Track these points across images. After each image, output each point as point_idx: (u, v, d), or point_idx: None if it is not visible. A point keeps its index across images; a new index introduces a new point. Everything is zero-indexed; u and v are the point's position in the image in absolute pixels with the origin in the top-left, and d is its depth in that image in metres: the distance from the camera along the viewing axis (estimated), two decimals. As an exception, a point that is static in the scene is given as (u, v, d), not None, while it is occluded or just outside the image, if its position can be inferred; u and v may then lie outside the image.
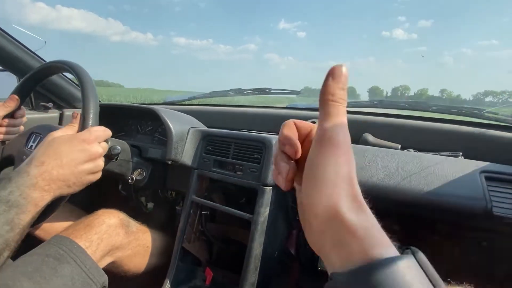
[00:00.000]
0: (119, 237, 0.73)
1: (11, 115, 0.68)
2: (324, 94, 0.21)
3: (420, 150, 0.73)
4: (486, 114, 0.75)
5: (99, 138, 0.57)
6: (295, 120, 0.26)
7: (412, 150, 0.73)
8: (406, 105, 0.86)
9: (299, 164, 0.24)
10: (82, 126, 0.56)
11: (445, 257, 0.84)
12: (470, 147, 0.71)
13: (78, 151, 0.50)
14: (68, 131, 0.56)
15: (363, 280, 0.16)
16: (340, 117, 0.21)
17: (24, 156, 0.65)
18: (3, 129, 0.66)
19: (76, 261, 0.61)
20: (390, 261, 0.16)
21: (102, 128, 0.59)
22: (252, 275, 0.68)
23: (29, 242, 0.76)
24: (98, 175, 0.55)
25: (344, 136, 0.21)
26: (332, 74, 0.21)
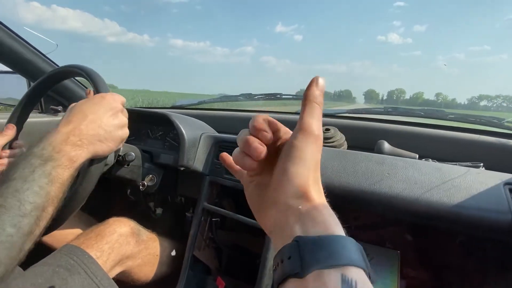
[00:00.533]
0: (129, 246, 0.72)
1: (9, 145, 0.65)
2: (309, 96, 0.26)
3: (438, 160, 0.71)
4: (506, 123, 0.73)
5: (115, 95, 0.55)
6: (267, 116, 0.29)
7: (430, 159, 0.71)
8: (422, 113, 0.85)
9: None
10: None
11: (460, 269, 0.82)
12: (491, 157, 0.70)
13: (100, 106, 0.50)
14: None
15: (327, 245, 0.20)
16: (319, 115, 0.26)
17: None
18: (4, 160, 0.62)
19: (87, 272, 0.60)
20: (345, 237, 0.21)
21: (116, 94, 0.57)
22: (267, 285, 0.66)
23: (38, 249, 0.76)
24: (126, 131, 0.54)
25: (321, 130, 0.26)
26: (315, 82, 0.26)
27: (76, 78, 1.01)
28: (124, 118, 0.54)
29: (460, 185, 0.58)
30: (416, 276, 0.90)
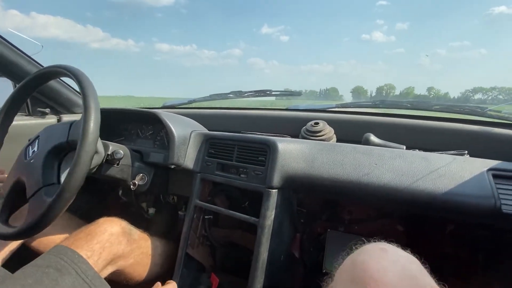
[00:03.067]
0: (121, 246, 0.71)
1: None
2: None
3: (425, 150, 0.72)
4: (489, 112, 0.75)
5: None
6: None
7: (417, 150, 0.72)
8: (408, 105, 0.86)
9: None
10: (83, 135, 0.54)
11: (453, 257, 0.84)
12: (475, 145, 0.71)
13: None
14: None
15: None
16: None
17: (32, 160, 0.63)
18: None
19: (78, 271, 0.59)
20: None
21: None
22: (260, 281, 0.67)
23: (26, 254, 0.74)
24: None
25: None
26: None
27: (62, 79, 1.00)
28: None
29: (446, 173, 0.59)
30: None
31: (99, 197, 1.12)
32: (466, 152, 0.68)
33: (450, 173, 0.59)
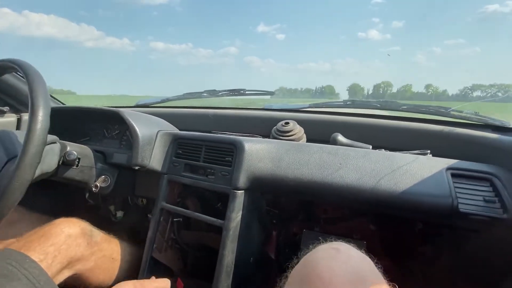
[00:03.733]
0: (80, 248, 0.67)
1: None
2: None
3: (391, 150, 0.73)
4: (452, 112, 0.77)
5: None
6: None
7: (383, 149, 0.73)
8: (378, 105, 0.87)
9: None
10: (25, 144, 0.50)
11: (420, 255, 0.86)
12: (438, 145, 0.73)
13: None
14: None
15: None
16: None
17: None
18: None
19: (28, 277, 0.54)
20: None
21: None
22: (224, 283, 0.65)
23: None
24: None
25: None
26: None
27: (19, 74, 0.94)
28: None
29: (407, 172, 0.60)
30: (380, 264, 0.93)
31: (65, 201, 1.07)
32: (429, 151, 0.69)
33: (411, 172, 0.60)
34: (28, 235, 0.65)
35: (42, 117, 0.51)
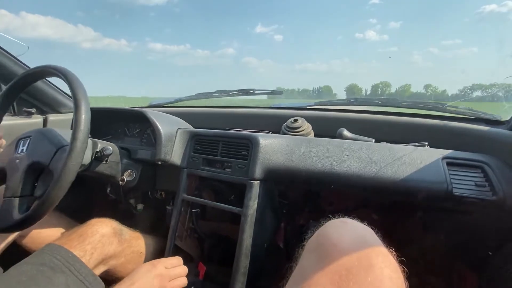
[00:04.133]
0: (112, 246, 0.74)
1: None
2: None
3: (392, 143, 0.80)
4: (448, 107, 0.83)
5: (175, 275, 0.68)
6: None
7: (385, 142, 0.80)
8: (379, 102, 0.94)
9: None
10: (74, 134, 0.57)
11: (419, 240, 0.92)
12: (435, 137, 0.80)
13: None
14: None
15: None
16: None
17: (18, 161, 0.66)
18: None
19: (71, 270, 0.61)
20: None
21: (179, 263, 0.71)
22: (243, 264, 0.72)
23: (16, 251, 0.76)
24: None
25: None
26: None
27: (48, 79, 1.01)
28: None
29: (407, 161, 0.67)
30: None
31: (88, 196, 1.14)
32: (427, 143, 0.76)
33: (410, 161, 0.67)
34: (68, 234, 0.72)
35: (85, 108, 0.59)
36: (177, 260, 0.74)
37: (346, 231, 0.41)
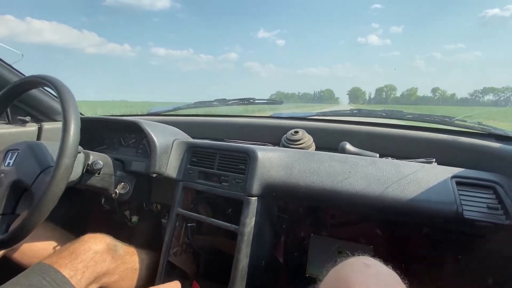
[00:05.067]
0: (105, 263, 0.71)
1: None
2: None
3: (397, 158, 0.76)
4: (456, 121, 0.79)
5: None
6: None
7: (389, 158, 0.76)
8: (383, 114, 0.91)
9: None
10: (59, 157, 0.54)
11: (425, 259, 0.88)
12: (443, 153, 0.76)
13: None
14: None
15: None
16: None
17: (2, 174, 0.63)
18: None
19: None
20: None
21: None
22: (239, 286, 0.68)
23: (6, 265, 0.73)
24: None
25: None
26: None
27: (44, 88, 0.99)
28: None
29: (414, 180, 0.63)
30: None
31: (82, 206, 1.11)
32: (434, 160, 0.72)
33: (417, 180, 0.63)
34: (60, 251, 0.69)
35: (73, 131, 0.55)
36: (175, 284, 0.70)
37: (370, 277, 0.36)
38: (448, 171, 0.65)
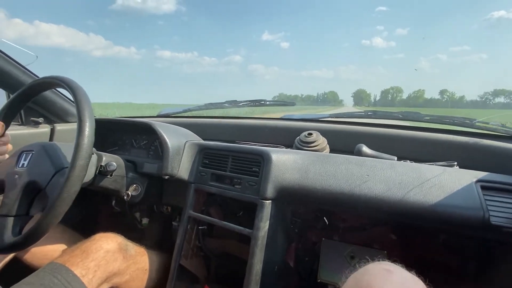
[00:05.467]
0: (117, 263, 0.71)
1: None
2: None
3: (416, 161, 0.73)
4: (477, 123, 0.76)
5: None
6: None
7: (408, 161, 0.73)
8: (400, 116, 0.88)
9: None
10: (73, 159, 0.54)
11: (444, 267, 0.84)
12: (465, 156, 0.73)
13: None
14: None
15: None
16: None
17: (17, 176, 0.63)
18: None
19: None
20: None
21: None
22: (253, 292, 0.66)
23: (17, 267, 0.73)
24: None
25: None
26: None
27: (57, 89, 0.99)
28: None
29: (436, 184, 0.60)
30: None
31: (92, 208, 1.11)
32: (456, 163, 0.70)
33: (440, 184, 0.60)
34: (71, 250, 0.69)
35: (88, 132, 0.55)
36: None
37: (394, 285, 0.34)
38: (472, 175, 0.62)
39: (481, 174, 0.62)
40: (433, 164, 0.69)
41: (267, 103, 1.08)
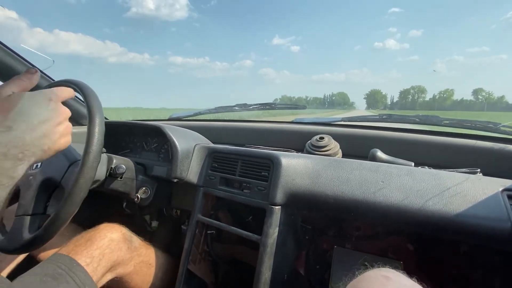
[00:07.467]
0: (121, 252, 0.71)
1: None
2: None
3: (434, 167, 0.69)
4: (502, 128, 0.72)
5: (64, 97, 0.49)
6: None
7: (426, 167, 0.70)
8: (417, 119, 0.84)
9: None
10: (87, 146, 0.55)
11: (465, 280, 0.79)
12: (488, 163, 0.68)
13: (48, 111, 0.42)
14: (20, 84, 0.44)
15: None
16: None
17: (31, 177, 0.64)
18: None
19: (75, 280, 0.59)
20: None
21: (64, 88, 0.50)
22: (261, 301, 0.64)
23: (28, 264, 0.74)
24: (69, 139, 0.46)
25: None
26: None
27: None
28: (69, 125, 0.47)
29: (458, 193, 0.57)
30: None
31: (104, 209, 1.12)
32: (479, 170, 0.65)
33: (462, 193, 0.56)
34: (76, 239, 0.69)
35: (98, 121, 0.56)
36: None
37: None
38: (498, 183, 0.58)
39: (507, 183, 0.58)
40: (454, 171, 0.65)
41: (278, 106, 1.06)
